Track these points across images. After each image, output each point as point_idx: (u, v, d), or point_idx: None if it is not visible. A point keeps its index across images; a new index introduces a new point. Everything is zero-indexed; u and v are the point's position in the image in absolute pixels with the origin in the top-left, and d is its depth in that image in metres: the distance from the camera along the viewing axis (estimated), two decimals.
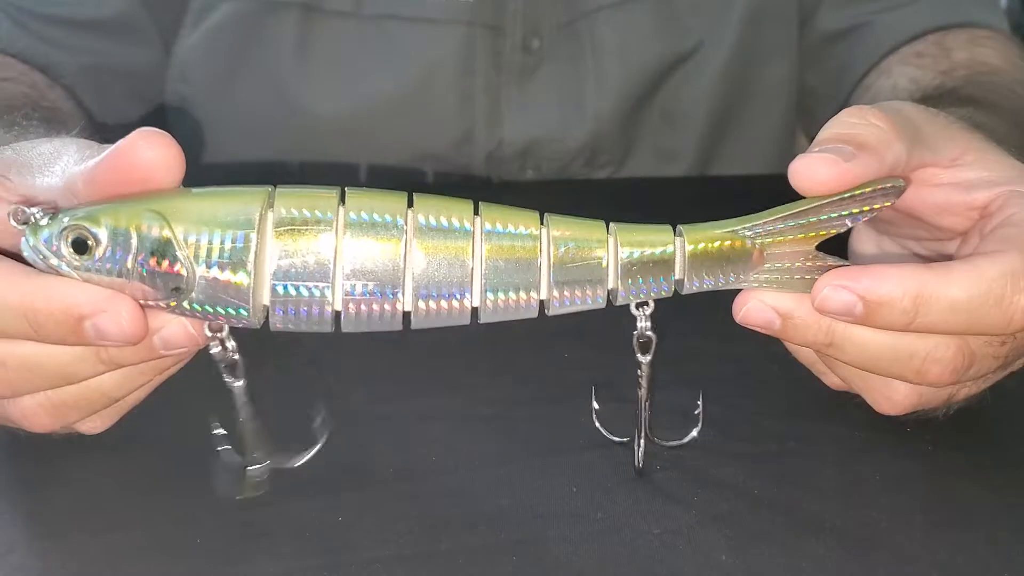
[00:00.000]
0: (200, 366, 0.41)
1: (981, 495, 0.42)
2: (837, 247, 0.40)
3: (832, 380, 0.45)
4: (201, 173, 0.39)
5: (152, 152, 0.37)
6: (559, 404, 0.48)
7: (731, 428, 0.46)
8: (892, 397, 0.42)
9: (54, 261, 0.37)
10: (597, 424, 0.44)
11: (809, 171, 0.39)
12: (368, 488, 0.42)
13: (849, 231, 0.40)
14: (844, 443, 0.45)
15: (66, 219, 0.37)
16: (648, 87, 0.79)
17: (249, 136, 0.78)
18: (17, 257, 0.38)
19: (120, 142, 0.37)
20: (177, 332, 0.38)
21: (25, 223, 0.37)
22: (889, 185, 0.39)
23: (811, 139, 0.95)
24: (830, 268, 0.39)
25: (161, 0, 0.76)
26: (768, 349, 0.46)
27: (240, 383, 0.39)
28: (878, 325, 0.38)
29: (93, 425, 0.42)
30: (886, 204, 0.39)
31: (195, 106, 0.79)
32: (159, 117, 0.80)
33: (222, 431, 0.40)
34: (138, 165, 0.37)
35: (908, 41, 0.75)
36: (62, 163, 0.39)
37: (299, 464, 0.41)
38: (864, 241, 0.49)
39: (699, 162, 0.83)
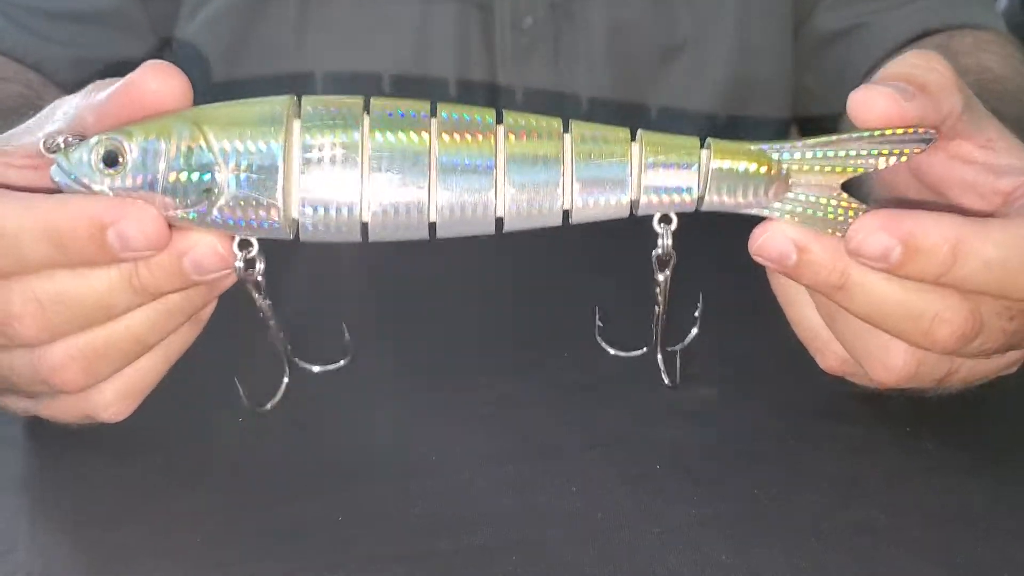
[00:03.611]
0: (202, 366, 0.41)
1: (981, 494, 0.42)
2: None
3: (828, 362, 0.44)
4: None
5: (159, 83, 0.38)
6: (559, 404, 0.48)
7: (731, 428, 0.46)
8: (890, 365, 0.41)
9: (86, 180, 0.37)
10: (600, 340, 0.45)
11: (868, 102, 0.39)
12: (368, 488, 0.42)
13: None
14: (844, 441, 0.45)
15: (95, 138, 0.37)
16: (641, 76, 0.79)
17: None
18: None
19: (129, 76, 0.38)
20: (207, 252, 0.38)
21: (55, 151, 0.38)
22: (922, 131, 0.39)
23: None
24: (855, 208, 0.39)
25: None
26: (768, 347, 0.46)
27: (267, 301, 0.40)
28: (910, 275, 0.38)
29: (116, 410, 0.41)
30: (915, 151, 0.39)
31: (196, 94, 0.79)
32: None
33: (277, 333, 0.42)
34: (148, 96, 0.38)
35: (909, 42, 0.75)
36: (62, 109, 0.40)
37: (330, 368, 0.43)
38: None
39: None
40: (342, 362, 0.43)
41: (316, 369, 0.44)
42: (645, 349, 0.44)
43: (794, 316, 0.44)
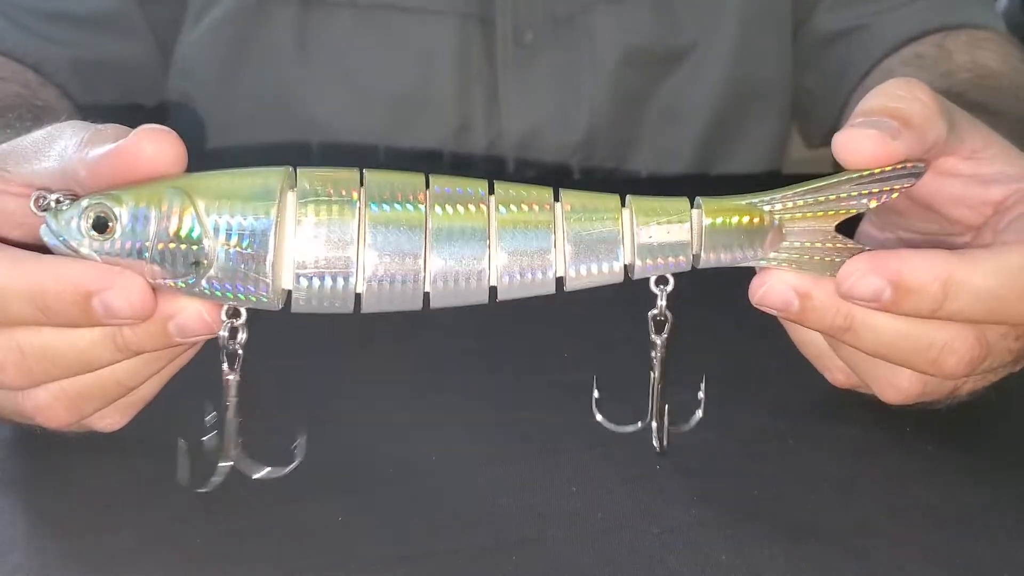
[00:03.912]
0: (203, 367, 0.41)
1: (981, 495, 0.42)
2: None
3: (835, 377, 0.45)
4: (204, 167, 0.39)
5: (155, 148, 0.37)
6: (559, 404, 0.48)
7: (731, 428, 0.46)
8: (898, 385, 0.41)
9: (74, 243, 0.37)
10: (598, 415, 0.44)
11: (853, 144, 0.38)
12: (368, 488, 0.42)
13: (859, 220, 0.40)
14: (844, 442, 0.45)
15: (86, 201, 0.37)
16: (644, 81, 0.79)
17: (251, 129, 0.78)
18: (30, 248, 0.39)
19: (123, 141, 0.37)
20: (193, 317, 0.38)
21: (45, 209, 0.37)
22: (910, 166, 0.39)
23: (807, 141, 0.95)
24: (850, 250, 0.39)
25: None
26: (768, 348, 0.46)
27: (234, 377, 0.39)
28: (904, 312, 0.38)
29: (111, 421, 0.41)
30: (905, 186, 0.39)
31: (197, 101, 0.79)
32: (160, 111, 0.80)
33: (211, 417, 0.40)
34: (142, 160, 0.37)
35: (908, 42, 0.75)
36: (58, 147, 0.39)
37: (266, 477, 0.40)
38: (867, 239, 0.49)
39: (697, 162, 0.83)
40: (287, 469, 0.40)
41: (255, 475, 0.40)
42: (640, 425, 0.43)
43: (797, 337, 0.44)
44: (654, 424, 0.43)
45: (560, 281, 0.39)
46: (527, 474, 0.43)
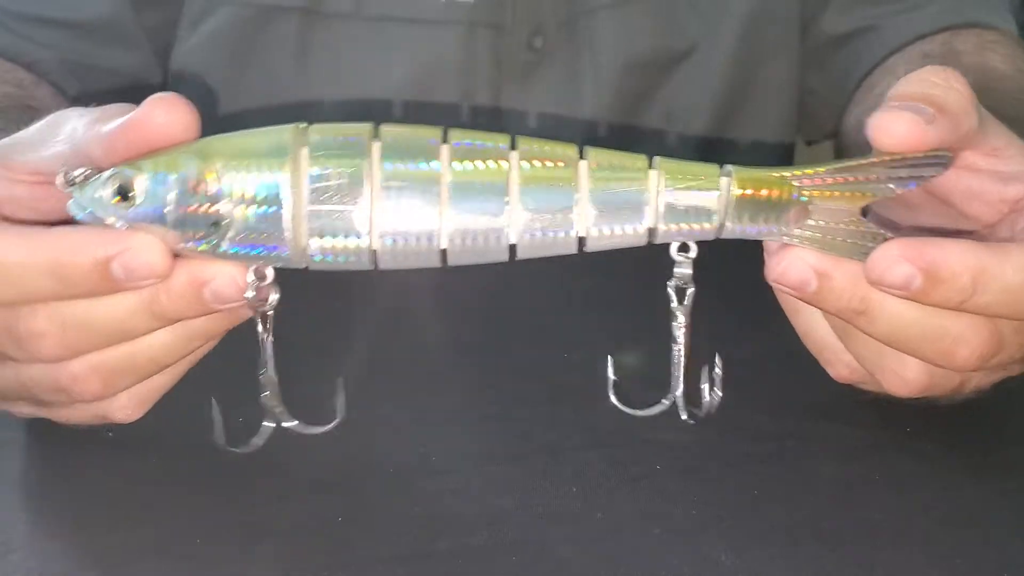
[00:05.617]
0: (202, 366, 0.41)
1: (981, 495, 0.42)
2: None
3: (839, 371, 0.44)
4: None
5: (168, 117, 0.38)
6: (559, 404, 0.48)
7: (731, 428, 0.46)
8: (905, 376, 0.41)
9: (100, 213, 0.37)
10: (613, 398, 0.43)
11: (888, 125, 0.38)
12: (368, 488, 0.42)
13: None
14: (844, 443, 0.45)
15: (107, 172, 0.37)
16: (646, 85, 0.79)
17: None
18: None
19: (135, 112, 0.38)
20: (227, 283, 0.38)
21: (72, 184, 0.38)
22: (941, 154, 0.38)
23: (809, 143, 0.94)
24: (874, 235, 0.38)
25: (150, 4, 0.76)
26: (768, 348, 0.46)
27: (268, 336, 0.39)
28: (931, 302, 0.38)
29: (129, 412, 0.42)
30: (932, 176, 0.39)
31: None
32: None
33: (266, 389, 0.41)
34: (156, 129, 0.37)
35: (914, 40, 0.75)
36: (66, 130, 0.40)
37: (316, 431, 0.41)
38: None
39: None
40: (330, 425, 0.42)
41: (299, 428, 0.42)
42: (665, 403, 0.42)
43: (802, 327, 0.44)
44: (679, 395, 0.42)
45: (582, 241, 0.39)
46: (527, 474, 0.43)
